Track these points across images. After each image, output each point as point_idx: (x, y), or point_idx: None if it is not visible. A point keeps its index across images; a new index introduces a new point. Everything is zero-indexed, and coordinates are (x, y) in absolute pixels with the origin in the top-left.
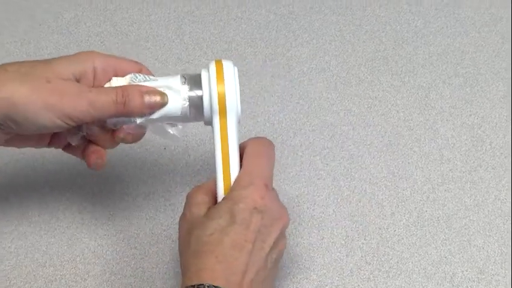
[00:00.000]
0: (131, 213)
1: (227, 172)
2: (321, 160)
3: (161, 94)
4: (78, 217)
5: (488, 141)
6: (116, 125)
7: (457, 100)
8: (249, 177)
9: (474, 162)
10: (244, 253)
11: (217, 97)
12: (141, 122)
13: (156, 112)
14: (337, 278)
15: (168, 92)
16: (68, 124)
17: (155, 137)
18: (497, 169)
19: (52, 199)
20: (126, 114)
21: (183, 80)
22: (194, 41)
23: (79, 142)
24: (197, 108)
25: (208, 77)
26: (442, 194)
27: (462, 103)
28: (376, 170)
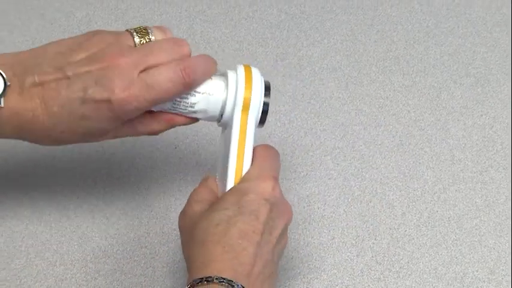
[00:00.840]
0: (142, 212)
1: (239, 171)
2: (332, 160)
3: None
4: (88, 216)
5: (499, 141)
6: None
7: (468, 100)
8: (259, 170)
9: (485, 162)
10: (252, 244)
11: (242, 99)
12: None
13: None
14: (347, 278)
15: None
16: None
17: (166, 137)
18: (508, 169)
19: (63, 198)
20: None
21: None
22: (205, 41)
23: None
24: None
25: (236, 78)
26: (453, 194)
27: (473, 103)
28: (386, 170)
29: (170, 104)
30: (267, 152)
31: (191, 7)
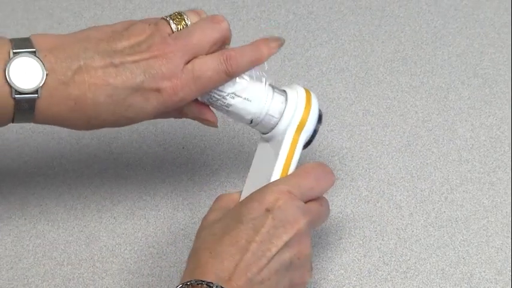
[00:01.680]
0: (149, 212)
1: None
2: (339, 160)
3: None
4: (96, 216)
5: (507, 142)
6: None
7: (476, 101)
8: (276, 183)
9: (493, 163)
10: (241, 251)
11: (300, 118)
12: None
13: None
14: (354, 279)
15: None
16: None
17: (174, 137)
18: None
19: (70, 198)
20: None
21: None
22: None
23: None
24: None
25: (296, 98)
26: (461, 195)
27: (481, 104)
28: (394, 171)
29: (207, 97)
30: (311, 170)
31: (199, 8)
